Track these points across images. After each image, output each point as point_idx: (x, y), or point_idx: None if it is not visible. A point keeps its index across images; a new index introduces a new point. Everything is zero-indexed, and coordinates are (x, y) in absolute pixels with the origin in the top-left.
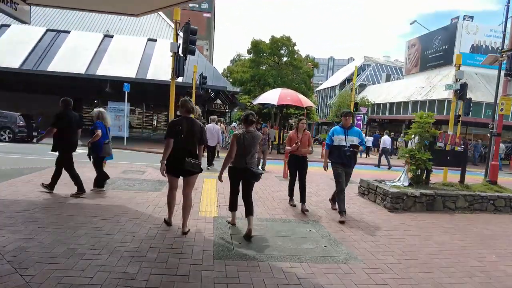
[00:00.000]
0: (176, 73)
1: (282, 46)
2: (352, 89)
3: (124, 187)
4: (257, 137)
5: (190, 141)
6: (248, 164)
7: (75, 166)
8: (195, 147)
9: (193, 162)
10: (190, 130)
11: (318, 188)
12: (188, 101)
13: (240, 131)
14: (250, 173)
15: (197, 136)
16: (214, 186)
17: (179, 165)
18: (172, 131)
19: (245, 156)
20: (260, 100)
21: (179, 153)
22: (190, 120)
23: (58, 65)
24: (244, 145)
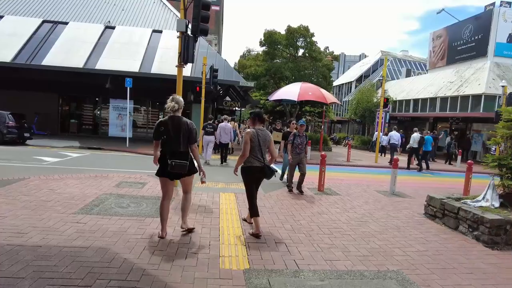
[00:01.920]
0: (183, 58)
1: (299, 37)
2: (382, 84)
3: (114, 209)
4: (268, 135)
5: (175, 141)
6: (265, 162)
7: None
8: (183, 147)
9: (175, 163)
10: (176, 130)
11: (370, 208)
12: (172, 99)
13: (252, 129)
14: (268, 170)
15: (184, 136)
16: (234, 204)
17: (166, 167)
18: (156, 132)
19: (261, 154)
20: (277, 96)
21: (165, 154)
22: (176, 118)
23: (54, 59)
24: (259, 143)
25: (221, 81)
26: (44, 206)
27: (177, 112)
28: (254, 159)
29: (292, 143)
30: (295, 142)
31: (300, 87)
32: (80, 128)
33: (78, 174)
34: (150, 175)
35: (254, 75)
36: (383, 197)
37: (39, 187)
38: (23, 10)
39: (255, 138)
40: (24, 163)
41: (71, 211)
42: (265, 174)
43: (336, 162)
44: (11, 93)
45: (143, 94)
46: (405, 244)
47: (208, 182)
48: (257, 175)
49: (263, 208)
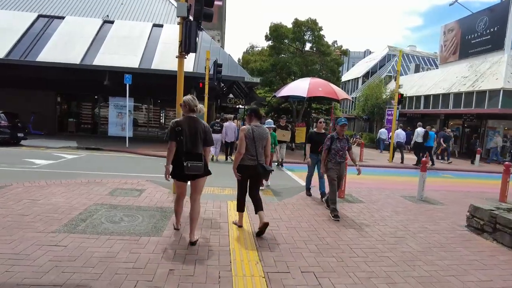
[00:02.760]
0: (185, 47)
1: (307, 31)
2: (396, 79)
3: (103, 225)
4: (265, 132)
5: (193, 142)
6: (259, 160)
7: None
8: (199, 149)
9: (191, 165)
10: (193, 131)
11: (402, 220)
12: (191, 99)
13: (248, 126)
14: (261, 169)
15: (200, 137)
16: (245, 217)
17: (182, 169)
18: (172, 132)
19: (255, 152)
20: (285, 93)
21: (181, 156)
22: (193, 120)
23: (49, 54)
24: (254, 140)
25: (225, 77)
26: (19, 222)
27: (193, 113)
28: (247, 157)
29: (329, 150)
30: (333, 147)
31: (309, 82)
32: (78, 127)
33: (68, 180)
34: (148, 179)
35: (259, 70)
36: (411, 204)
37: (19, 197)
38: (18, 4)
39: (249, 135)
40: (11, 166)
41: (51, 228)
42: (258, 174)
43: (348, 162)
44: (5, 92)
45: (144, 92)
46: (460, 270)
47: (214, 188)
48: (249, 174)
49: (280, 222)
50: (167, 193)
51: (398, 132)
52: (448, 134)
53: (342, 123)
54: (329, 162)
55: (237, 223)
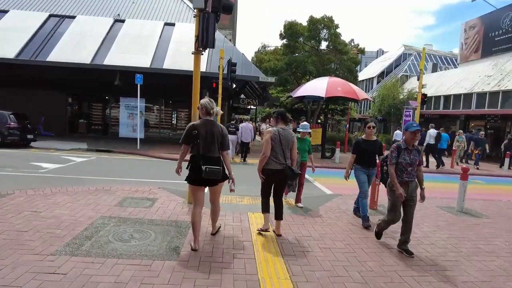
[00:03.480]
0: (202, 42)
1: (323, 28)
2: (419, 78)
3: (111, 245)
4: (291, 135)
5: (209, 146)
6: (287, 163)
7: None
8: (215, 152)
9: (209, 169)
10: (209, 135)
11: (449, 237)
12: (208, 102)
13: (274, 128)
14: (289, 172)
15: (217, 141)
16: (270, 233)
17: (198, 174)
18: (188, 136)
19: (283, 155)
20: (302, 93)
21: (197, 160)
22: (210, 123)
23: (60, 54)
24: (281, 143)
25: (239, 77)
26: (15, 241)
27: (210, 116)
28: (273, 161)
29: (396, 164)
30: (400, 161)
31: (327, 82)
32: (89, 129)
33: (75, 187)
34: (160, 187)
35: (273, 70)
36: (452, 217)
37: (20, 209)
38: (30, 4)
39: (276, 138)
40: (17, 171)
41: (51, 249)
42: (286, 176)
43: None
44: (16, 92)
45: (155, 92)
46: None
47: (231, 196)
48: (276, 178)
49: (311, 241)
50: (181, 203)
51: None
52: (480, 137)
53: (415, 129)
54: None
55: (262, 229)
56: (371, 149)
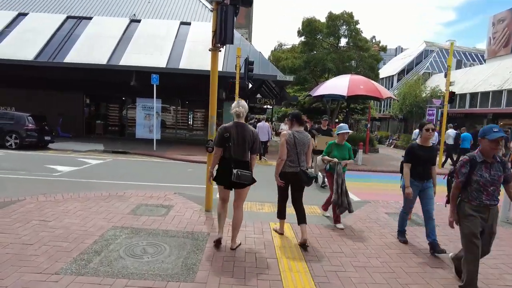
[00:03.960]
0: (220, 38)
1: (342, 25)
2: (447, 74)
3: (122, 262)
4: (307, 138)
5: (240, 150)
6: (301, 167)
7: None
8: (245, 156)
9: (241, 173)
10: (240, 138)
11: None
12: (236, 104)
13: (289, 131)
14: (304, 177)
15: (248, 144)
16: (295, 248)
17: (228, 176)
18: (220, 139)
19: (298, 158)
20: (322, 91)
21: (227, 163)
22: (241, 126)
23: (77, 56)
24: (296, 146)
25: (256, 76)
26: (19, 256)
27: (241, 118)
28: (288, 164)
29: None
30: (476, 178)
31: (349, 80)
32: (106, 130)
33: (88, 192)
34: (176, 192)
35: (291, 68)
36: (499, 229)
37: (28, 217)
38: (49, 6)
39: (291, 141)
40: (31, 174)
41: (56, 267)
42: (300, 180)
43: (392, 168)
44: (34, 93)
45: (172, 92)
46: None
47: (251, 202)
48: (291, 181)
49: (343, 258)
50: (198, 210)
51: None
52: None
53: (497, 136)
54: (466, 204)
55: (278, 230)
56: (427, 157)
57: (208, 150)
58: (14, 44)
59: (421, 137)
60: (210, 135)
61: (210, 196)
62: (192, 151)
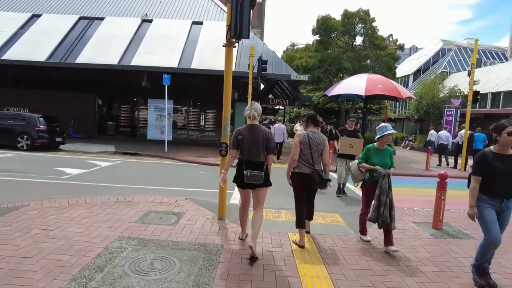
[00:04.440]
0: (235, 32)
1: (358, 23)
2: (470, 73)
3: (125, 280)
4: (322, 139)
5: (253, 151)
6: (315, 168)
7: None
8: (260, 157)
9: (251, 174)
10: (254, 139)
11: None
12: (251, 106)
13: (304, 132)
14: (317, 178)
15: (262, 145)
16: (319, 262)
17: (242, 177)
18: (234, 141)
19: (311, 159)
20: (338, 91)
21: (242, 164)
22: (254, 127)
23: (88, 56)
24: (310, 147)
25: (269, 75)
26: (15, 271)
27: (255, 120)
28: (303, 165)
29: None
30: None
31: (366, 79)
32: (117, 131)
33: (95, 198)
34: (188, 197)
35: (305, 67)
36: None
37: (29, 226)
38: (62, 7)
39: (305, 141)
40: (39, 177)
41: (53, 286)
42: (314, 182)
43: (412, 172)
44: (46, 94)
45: (183, 93)
46: None
47: (266, 210)
48: (306, 182)
49: (373, 276)
50: (210, 218)
51: (441, 133)
52: None
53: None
54: None
55: (297, 243)
56: (509, 170)
57: (222, 154)
58: (27, 45)
59: (499, 144)
60: (223, 138)
61: (224, 202)
62: (204, 153)
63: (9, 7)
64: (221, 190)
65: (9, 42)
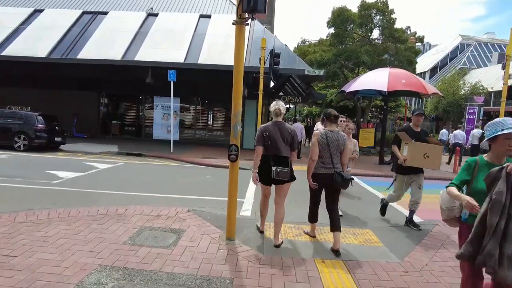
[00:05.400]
0: (248, 4)
1: (376, 14)
2: (505, 66)
3: None
4: (342, 138)
5: (278, 147)
6: (336, 168)
7: None
8: (286, 153)
9: (279, 170)
10: (279, 136)
11: None
12: (277, 103)
13: (322, 131)
14: (339, 178)
15: (287, 142)
16: None
17: (267, 173)
18: (260, 138)
19: (331, 159)
20: (357, 87)
21: (267, 160)
22: (279, 124)
23: (91, 52)
24: (329, 147)
25: (282, 70)
26: None
27: (280, 117)
28: (321, 165)
29: None
30: None
31: (388, 73)
32: (122, 130)
33: (81, 209)
34: (191, 209)
35: (319, 62)
36: None
37: None
38: (65, 2)
39: (323, 141)
40: (27, 182)
41: None
42: (335, 182)
43: (439, 175)
44: (48, 92)
45: (190, 90)
46: None
47: (286, 225)
48: (326, 183)
49: None
50: (217, 238)
51: (456, 133)
52: None
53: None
54: None
55: (309, 233)
56: None
57: (231, 158)
58: (28, 41)
59: None
60: (233, 139)
61: (233, 217)
62: (211, 154)
63: (12, 2)
64: (230, 201)
65: (9, 38)
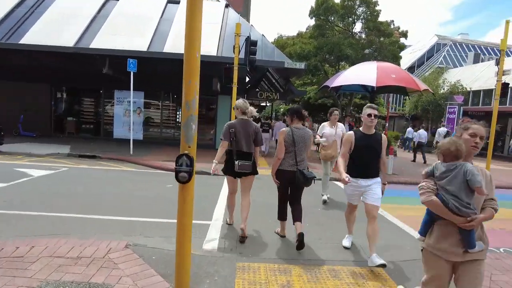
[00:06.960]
0: None
1: (360, 6)
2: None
3: None
4: (308, 134)
5: (243, 143)
6: (299, 166)
7: None
8: (250, 148)
9: (241, 163)
10: (245, 132)
11: None
12: (242, 102)
13: (287, 128)
14: (301, 177)
15: (251, 138)
16: None
17: (232, 167)
18: (226, 133)
19: (294, 157)
20: (342, 82)
21: (232, 155)
22: (244, 122)
23: (37, 36)
24: (294, 144)
25: (259, 62)
26: None
27: (245, 115)
28: (285, 162)
29: None
30: None
31: (376, 67)
32: (79, 128)
33: None
34: (131, 243)
35: (299, 55)
36: None
37: None
38: None
39: (289, 138)
40: None
41: None
42: (297, 180)
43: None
44: None
45: (156, 84)
46: None
47: (266, 264)
48: (289, 181)
49: None
50: None
51: (420, 132)
52: None
53: None
54: None
55: (279, 233)
56: None
57: (180, 178)
58: None
59: None
60: (185, 145)
61: (186, 263)
62: (176, 155)
63: None
64: (182, 249)
65: None
